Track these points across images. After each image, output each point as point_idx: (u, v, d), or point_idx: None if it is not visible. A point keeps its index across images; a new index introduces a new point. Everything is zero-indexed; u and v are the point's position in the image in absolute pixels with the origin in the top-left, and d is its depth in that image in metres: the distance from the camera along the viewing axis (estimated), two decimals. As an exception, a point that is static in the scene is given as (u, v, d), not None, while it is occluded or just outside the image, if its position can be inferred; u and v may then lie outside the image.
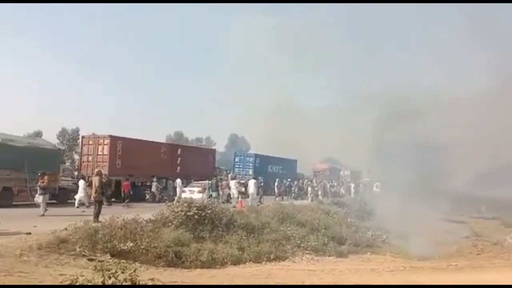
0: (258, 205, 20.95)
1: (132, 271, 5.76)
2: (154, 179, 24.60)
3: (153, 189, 24.54)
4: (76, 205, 19.81)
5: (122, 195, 22.45)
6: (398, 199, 21.04)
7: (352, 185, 38.58)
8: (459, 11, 55.11)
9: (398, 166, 23.06)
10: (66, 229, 10.92)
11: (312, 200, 28.41)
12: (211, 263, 11.38)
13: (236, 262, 11.82)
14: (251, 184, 23.70)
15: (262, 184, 27.10)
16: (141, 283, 5.80)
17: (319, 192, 32.09)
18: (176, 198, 21.19)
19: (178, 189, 22.92)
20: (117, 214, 12.37)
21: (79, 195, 20.08)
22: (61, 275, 7.44)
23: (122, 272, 5.51)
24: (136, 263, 9.79)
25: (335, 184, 39.54)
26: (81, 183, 20.44)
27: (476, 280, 10.97)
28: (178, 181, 23.39)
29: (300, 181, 35.92)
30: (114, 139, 24.27)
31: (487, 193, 35.93)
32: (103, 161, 23.79)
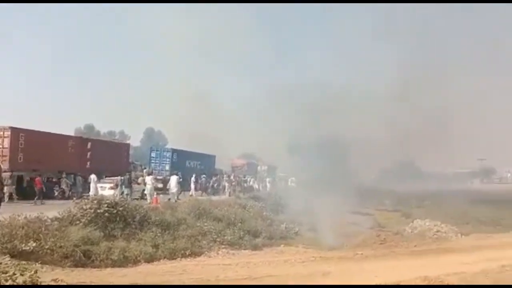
0: (176, 201, 20.61)
1: (32, 272, 5.35)
2: (64, 175, 23.12)
3: (63, 185, 23.05)
4: None
5: (36, 191, 20.96)
6: (310, 193, 22.02)
7: (268, 180, 39.58)
8: (369, 9, 58.64)
9: (310, 161, 24.04)
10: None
11: (229, 195, 28.64)
12: (123, 261, 10.94)
13: (150, 259, 11.49)
14: (173, 180, 23.30)
15: (181, 180, 26.74)
16: (43, 284, 5.41)
17: (237, 187, 32.44)
18: (90, 194, 20.05)
19: (92, 185, 21.79)
20: (19, 212, 11.41)
21: None
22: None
23: (21, 274, 5.10)
24: (39, 263, 9.19)
25: (252, 179, 40.29)
26: None
27: (379, 267, 11.88)
28: (93, 176, 22.26)
29: (218, 176, 35.99)
30: (15, 131, 22.29)
31: (390, 187, 39.16)
32: (2, 155, 21.80)
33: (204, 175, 33.63)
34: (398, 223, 21.48)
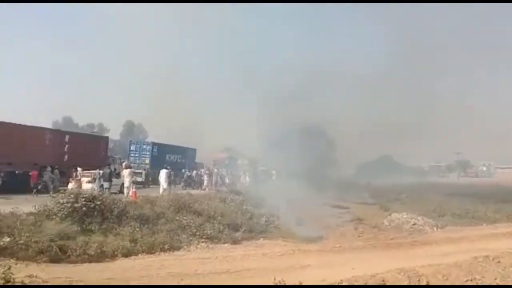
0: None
1: (6, 268, 5.24)
2: (48, 168, 22.73)
3: (45, 178, 22.63)
4: None
5: (32, 185, 21.17)
6: (290, 186, 22.13)
7: (247, 174, 39.42)
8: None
9: (291, 154, 24.01)
10: None
11: (209, 189, 28.57)
12: (100, 256, 10.81)
13: (128, 254, 11.37)
14: (163, 174, 23.16)
15: (172, 173, 26.67)
16: (17, 280, 5.30)
17: (218, 181, 32.32)
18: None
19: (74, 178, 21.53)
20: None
21: None
22: None
23: (-7, 271, 4.99)
24: (13, 259, 9.02)
25: (233, 173, 40.21)
26: None
27: (356, 259, 12.07)
28: (79, 169, 22.03)
29: (201, 170, 35.75)
30: (-12, 123, 21.70)
31: (368, 180, 39.72)
32: (-26, 148, 21.21)
33: (183, 169, 33.42)
34: (376, 216, 21.78)
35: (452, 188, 36.96)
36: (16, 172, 22.79)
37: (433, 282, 8.84)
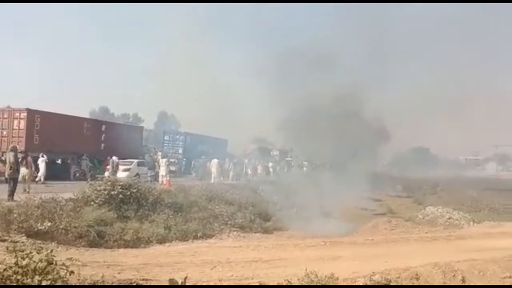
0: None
1: (49, 251, 5.49)
2: (84, 156, 23.52)
3: (83, 166, 23.43)
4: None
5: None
6: (322, 176, 21.92)
7: (270, 165, 38.92)
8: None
9: (323, 143, 23.31)
10: (-25, 208, 10.12)
11: (235, 180, 28.58)
12: (136, 242, 11.18)
13: (162, 241, 11.71)
14: (214, 164, 23.55)
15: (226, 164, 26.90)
16: (59, 263, 5.53)
17: (249, 172, 32.41)
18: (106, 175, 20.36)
19: (110, 167, 22.18)
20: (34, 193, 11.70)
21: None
22: (-33, 257, 6.91)
23: (38, 253, 5.23)
24: (54, 243, 9.42)
25: (265, 163, 40.17)
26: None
27: (389, 252, 11.90)
28: (114, 158, 22.64)
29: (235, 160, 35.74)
30: (31, 113, 22.67)
31: (402, 173, 38.87)
32: (19, 136, 22.26)
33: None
34: (410, 209, 21.42)
35: (490, 182, 35.75)
36: (55, 160, 23.69)
37: (468, 277, 8.61)
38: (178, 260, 9.67)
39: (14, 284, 4.70)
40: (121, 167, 22.21)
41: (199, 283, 7.68)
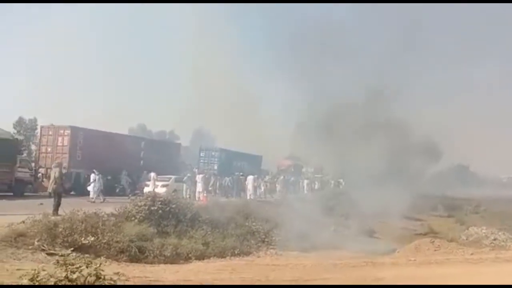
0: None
1: (97, 265, 5.61)
2: (124, 172, 24.09)
3: (123, 182, 24.00)
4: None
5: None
6: (360, 195, 21.39)
7: (306, 182, 38.33)
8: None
9: (358, 159, 22.55)
10: (23, 222, 10.50)
11: (264, 196, 28.16)
12: (175, 258, 11.27)
13: (201, 257, 11.77)
14: (250, 181, 23.70)
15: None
16: (107, 278, 5.64)
17: (283, 188, 32.12)
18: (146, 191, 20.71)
19: (150, 182, 22.58)
20: (77, 207, 12.02)
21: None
22: (18, 270, 7.15)
23: (87, 267, 5.35)
24: (103, 257, 9.60)
25: (299, 180, 39.78)
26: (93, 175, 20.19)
27: (434, 273, 11.44)
28: (153, 174, 23.08)
29: (267, 177, 35.68)
30: (75, 130, 23.56)
31: (442, 191, 37.48)
32: (62, 153, 23.10)
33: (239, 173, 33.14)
34: (452, 229, 20.60)
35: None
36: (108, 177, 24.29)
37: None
38: (218, 277, 9.66)
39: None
40: (159, 183, 22.55)
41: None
